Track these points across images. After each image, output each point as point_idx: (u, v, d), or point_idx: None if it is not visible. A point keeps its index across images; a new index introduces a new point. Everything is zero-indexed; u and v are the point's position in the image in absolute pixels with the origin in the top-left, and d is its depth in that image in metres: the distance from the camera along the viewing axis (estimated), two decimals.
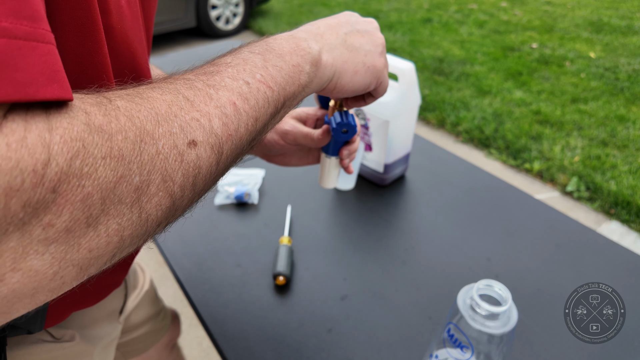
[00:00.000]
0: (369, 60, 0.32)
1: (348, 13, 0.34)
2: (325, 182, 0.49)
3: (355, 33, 0.32)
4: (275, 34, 0.30)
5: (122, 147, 0.18)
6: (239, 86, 0.24)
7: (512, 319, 0.36)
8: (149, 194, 0.19)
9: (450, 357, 0.39)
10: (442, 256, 0.60)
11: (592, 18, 3.62)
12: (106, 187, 0.17)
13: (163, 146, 0.20)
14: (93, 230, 0.17)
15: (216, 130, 0.22)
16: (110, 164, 0.17)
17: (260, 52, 0.26)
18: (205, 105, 0.22)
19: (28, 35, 0.15)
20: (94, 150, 0.17)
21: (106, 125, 0.18)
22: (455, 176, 0.76)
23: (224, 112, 0.23)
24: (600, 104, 2.34)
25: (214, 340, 0.49)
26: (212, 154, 0.22)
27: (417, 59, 2.93)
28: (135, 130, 0.19)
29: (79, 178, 0.16)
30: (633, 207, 1.65)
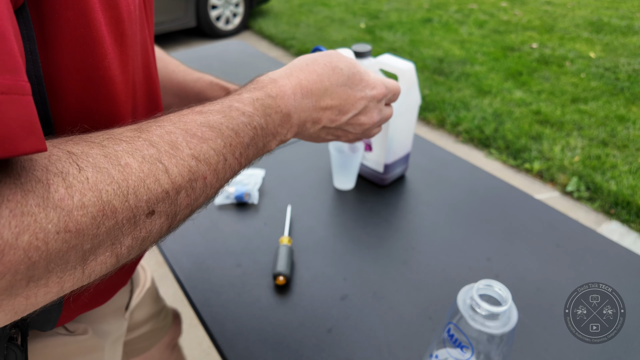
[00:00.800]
0: (319, 142, 0.35)
1: (374, 93, 0.33)
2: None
3: (332, 130, 0.34)
4: (287, 89, 0.30)
5: (80, 222, 0.18)
6: (217, 161, 0.25)
7: (512, 319, 0.36)
8: (96, 255, 0.20)
9: (450, 357, 0.39)
10: (442, 256, 0.60)
11: (592, 18, 3.62)
12: (54, 255, 0.18)
13: (122, 219, 0.20)
14: (34, 284, 0.18)
15: (178, 201, 0.23)
16: (64, 237, 0.18)
17: (255, 127, 0.28)
18: (182, 178, 0.23)
19: (9, 89, 0.15)
20: (47, 225, 0.17)
21: (67, 200, 0.18)
22: (455, 176, 0.76)
23: (192, 186, 0.23)
24: (600, 104, 2.34)
25: (214, 340, 0.49)
26: (166, 220, 0.23)
27: (417, 59, 2.93)
28: (99, 205, 0.19)
29: (25, 251, 0.16)
30: (633, 207, 1.65)
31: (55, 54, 0.22)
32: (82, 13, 0.22)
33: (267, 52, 3.20)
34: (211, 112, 0.26)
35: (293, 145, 0.85)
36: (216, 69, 1.16)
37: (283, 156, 0.81)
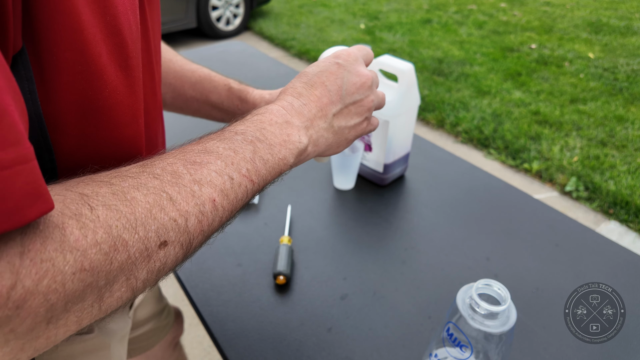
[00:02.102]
0: (351, 134, 0.34)
1: (338, 71, 0.33)
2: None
3: (344, 111, 0.33)
4: (274, 107, 0.30)
5: (94, 260, 0.19)
6: (222, 182, 0.25)
7: (511, 318, 0.36)
8: (111, 291, 0.21)
9: (450, 356, 0.40)
10: (442, 256, 0.60)
11: (591, 18, 3.62)
12: (72, 296, 0.19)
13: (134, 252, 0.21)
14: (53, 325, 0.19)
15: (190, 229, 0.23)
16: (80, 277, 0.19)
17: (252, 140, 0.27)
18: (187, 203, 0.23)
19: (14, 161, 0.16)
20: (65, 267, 0.18)
21: (81, 240, 0.19)
22: (454, 176, 0.76)
23: (201, 210, 0.24)
24: (599, 104, 2.35)
25: (215, 339, 0.50)
26: (181, 250, 0.23)
27: (417, 60, 2.94)
28: (110, 241, 0.20)
29: (45, 295, 0.17)
30: (632, 207, 1.65)
31: (54, 92, 0.23)
32: (80, 51, 0.22)
33: (267, 52, 3.20)
34: (207, 140, 0.27)
35: None
36: (217, 69, 1.16)
37: None
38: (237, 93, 0.47)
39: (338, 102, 0.32)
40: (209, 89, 0.48)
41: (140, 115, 0.30)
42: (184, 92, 0.49)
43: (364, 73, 0.34)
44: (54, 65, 0.22)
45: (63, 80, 0.23)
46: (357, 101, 0.33)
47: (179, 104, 0.50)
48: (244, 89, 0.48)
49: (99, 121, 0.26)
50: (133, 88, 0.28)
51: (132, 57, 0.27)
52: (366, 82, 0.34)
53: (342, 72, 0.33)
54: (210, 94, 0.48)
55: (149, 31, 0.32)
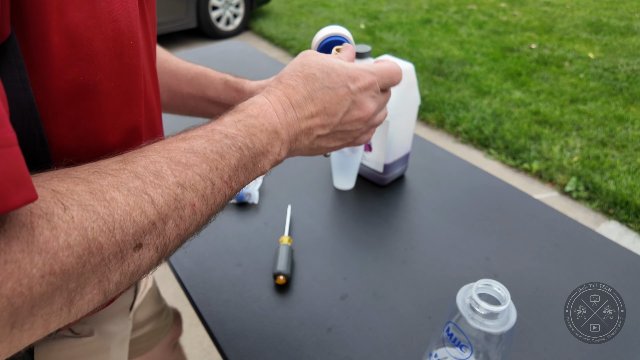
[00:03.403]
0: (326, 151, 0.33)
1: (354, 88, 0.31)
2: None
3: (329, 135, 0.32)
4: (269, 110, 0.29)
5: (65, 263, 0.18)
6: (204, 187, 0.24)
7: (511, 318, 0.36)
8: (82, 294, 0.19)
9: (450, 356, 0.40)
10: (442, 256, 0.60)
11: (591, 19, 3.62)
12: (38, 299, 0.17)
13: (109, 255, 0.20)
14: (18, 330, 0.18)
15: (167, 232, 0.22)
16: (49, 280, 0.17)
17: (240, 147, 0.27)
18: (168, 207, 0.22)
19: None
20: (32, 270, 0.17)
21: (52, 242, 0.17)
22: (454, 176, 0.76)
23: (180, 215, 0.23)
24: (599, 104, 2.35)
25: (215, 340, 0.50)
26: (156, 253, 0.22)
27: (417, 60, 2.94)
28: (85, 244, 0.19)
29: (8, 298, 0.16)
30: (632, 207, 1.65)
31: (46, 79, 0.22)
32: (67, 34, 0.22)
33: (267, 52, 3.20)
34: (194, 137, 0.26)
35: None
36: (217, 69, 1.16)
37: None
38: (233, 85, 0.47)
39: (329, 127, 0.32)
40: (206, 85, 0.48)
41: (139, 105, 0.29)
42: (180, 90, 0.49)
43: (368, 108, 0.32)
44: (44, 50, 0.21)
45: (53, 65, 0.22)
46: (347, 131, 0.33)
47: (176, 103, 0.50)
48: (240, 81, 0.48)
49: (91, 108, 0.25)
50: (129, 77, 0.27)
51: (129, 46, 0.26)
52: (365, 117, 0.33)
53: (348, 101, 0.31)
54: (207, 89, 0.48)
55: (148, 25, 0.32)
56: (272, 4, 4.32)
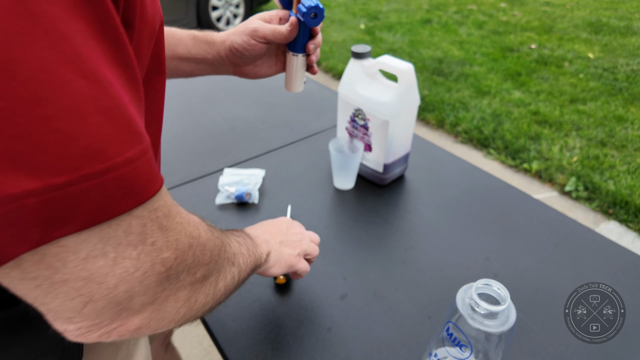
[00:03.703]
0: (289, 259, 0.47)
1: (284, 222, 0.50)
2: (293, 85, 0.52)
3: (286, 242, 0.47)
4: (259, 233, 0.45)
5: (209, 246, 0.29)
6: (247, 247, 0.39)
7: (510, 318, 0.36)
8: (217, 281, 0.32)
9: (450, 355, 0.40)
10: (441, 255, 0.60)
11: (591, 19, 3.63)
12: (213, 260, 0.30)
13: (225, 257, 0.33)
14: (203, 286, 0.29)
15: (240, 263, 0.36)
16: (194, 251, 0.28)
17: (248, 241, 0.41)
18: (239, 250, 0.37)
19: (138, 155, 0.21)
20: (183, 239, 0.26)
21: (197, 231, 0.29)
22: (454, 176, 0.76)
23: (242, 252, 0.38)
24: (598, 104, 2.35)
25: (215, 339, 0.50)
26: (232, 280, 0.34)
27: (417, 60, 2.94)
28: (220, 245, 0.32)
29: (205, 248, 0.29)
30: (631, 207, 1.65)
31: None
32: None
33: None
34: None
35: (293, 145, 0.85)
36: None
37: (283, 156, 0.81)
38: (203, 39, 0.50)
39: (283, 235, 0.47)
40: (174, 43, 0.50)
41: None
42: None
43: (300, 231, 0.50)
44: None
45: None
46: (295, 241, 0.48)
47: None
48: (209, 34, 0.50)
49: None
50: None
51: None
52: (300, 234, 0.50)
53: (283, 227, 0.49)
54: (177, 47, 0.50)
55: None
56: (271, 4, 4.31)
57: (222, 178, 0.73)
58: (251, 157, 0.81)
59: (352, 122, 0.72)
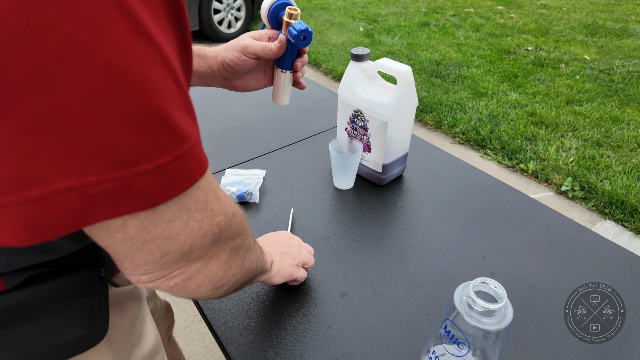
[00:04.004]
0: (289, 269, 0.51)
1: (284, 234, 0.54)
2: (280, 99, 0.55)
3: (286, 253, 0.52)
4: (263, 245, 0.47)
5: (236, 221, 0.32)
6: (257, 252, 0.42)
7: (507, 315, 0.37)
8: (247, 256, 0.36)
9: (447, 353, 0.40)
10: (439, 254, 0.61)
11: (587, 21, 3.65)
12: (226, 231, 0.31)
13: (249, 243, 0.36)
14: (237, 255, 0.34)
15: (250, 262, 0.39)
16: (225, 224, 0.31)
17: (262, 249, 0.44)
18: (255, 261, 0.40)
19: (199, 135, 0.26)
20: (218, 218, 0.29)
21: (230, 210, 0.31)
22: (452, 176, 0.77)
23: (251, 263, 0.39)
24: (594, 106, 2.37)
25: (217, 336, 0.50)
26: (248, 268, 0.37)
27: (415, 62, 2.95)
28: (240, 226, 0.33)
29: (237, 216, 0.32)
30: (627, 207, 1.67)
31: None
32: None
33: None
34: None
35: (293, 145, 0.86)
36: None
37: (284, 156, 0.82)
38: (196, 52, 0.52)
39: (284, 247, 0.52)
40: None
41: None
42: None
43: (297, 243, 0.54)
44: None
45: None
46: (294, 252, 0.52)
47: None
48: (201, 48, 0.53)
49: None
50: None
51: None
52: (298, 245, 0.54)
53: (285, 239, 0.53)
54: None
55: None
56: None
57: (224, 178, 0.74)
58: (252, 158, 0.82)
59: (352, 123, 0.72)
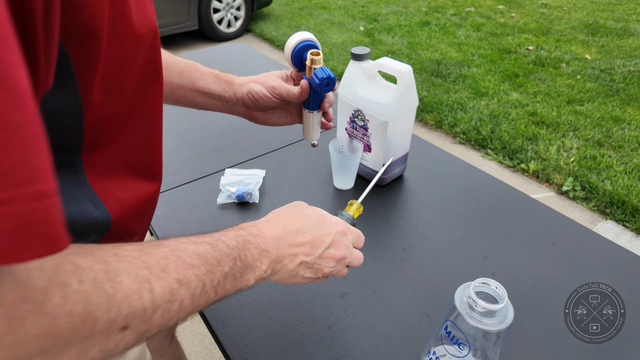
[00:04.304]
0: (301, 280, 0.39)
1: (321, 223, 0.39)
2: (309, 136, 0.56)
3: (308, 264, 0.38)
4: (267, 233, 0.35)
5: (60, 329, 0.19)
6: (196, 287, 0.27)
7: (508, 316, 0.37)
8: (60, 357, 0.21)
9: (448, 353, 0.40)
10: (440, 254, 0.61)
11: (588, 20, 3.65)
12: (25, 356, 0.19)
13: (98, 329, 0.21)
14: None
15: (152, 321, 0.25)
16: (40, 341, 0.19)
17: (235, 257, 0.31)
18: (162, 298, 0.25)
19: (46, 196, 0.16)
20: (31, 329, 0.18)
21: (58, 308, 0.19)
22: (452, 176, 0.77)
23: (169, 307, 0.25)
24: (595, 105, 2.36)
25: (216, 337, 0.50)
26: (136, 338, 0.24)
27: (415, 62, 2.95)
28: (83, 316, 0.20)
29: (2, 349, 0.18)
30: (628, 207, 1.66)
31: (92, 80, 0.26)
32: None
33: (268, 54, 3.21)
34: (202, 243, 0.30)
35: (293, 145, 0.86)
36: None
37: (283, 156, 0.82)
38: (224, 78, 0.53)
39: (311, 257, 0.38)
40: (196, 77, 0.52)
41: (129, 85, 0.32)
42: (169, 80, 0.52)
43: (342, 250, 0.40)
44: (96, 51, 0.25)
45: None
46: (323, 265, 0.39)
47: (165, 92, 0.54)
48: (230, 75, 0.54)
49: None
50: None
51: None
52: (338, 257, 0.40)
53: (329, 240, 0.39)
54: (197, 80, 0.52)
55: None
56: (272, 6, 4.32)
57: (224, 178, 0.74)
58: (252, 158, 0.81)
59: (352, 122, 0.72)
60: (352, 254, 0.41)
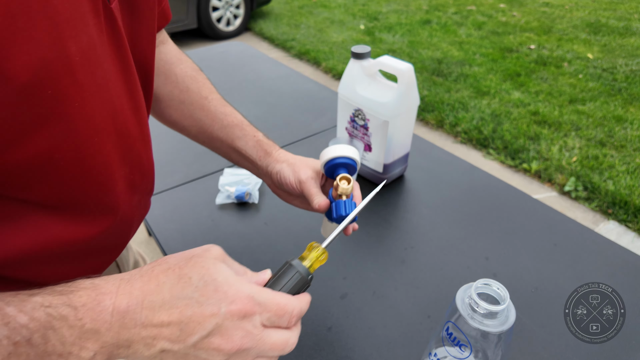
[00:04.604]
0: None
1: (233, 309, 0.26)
2: (328, 233, 0.51)
3: (186, 357, 0.27)
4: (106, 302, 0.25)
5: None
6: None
7: (510, 317, 0.37)
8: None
9: (449, 355, 0.40)
10: (441, 255, 0.60)
11: (590, 19, 3.63)
12: None
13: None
14: None
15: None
16: None
17: (18, 342, 0.23)
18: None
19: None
20: None
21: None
22: (454, 176, 0.76)
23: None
24: (597, 105, 2.35)
25: None
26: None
27: (416, 60, 2.94)
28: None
29: None
30: (630, 207, 1.66)
31: None
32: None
33: (267, 53, 3.21)
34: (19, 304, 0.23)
35: (293, 145, 0.85)
36: (217, 69, 1.16)
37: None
38: (264, 146, 0.51)
39: (178, 345, 0.26)
40: (238, 136, 0.51)
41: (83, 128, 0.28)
42: (211, 131, 0.51)
43: (233, 341, 0.27)
44: None
45: None
46: (201, 358, 0.27)
47: (203, 138, 0.53)
48: (272, 145, 0.51)
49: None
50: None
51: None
52: (226, 350, 0.27)
53: (211, 324, 0.26)
54: (238, 140, 0.51)
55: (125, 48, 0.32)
56: (272, 5, 4.32)
57: (222, 178, 0.74)
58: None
59: (352, 122, 0.72)
60: (265, 341, 0.28)
